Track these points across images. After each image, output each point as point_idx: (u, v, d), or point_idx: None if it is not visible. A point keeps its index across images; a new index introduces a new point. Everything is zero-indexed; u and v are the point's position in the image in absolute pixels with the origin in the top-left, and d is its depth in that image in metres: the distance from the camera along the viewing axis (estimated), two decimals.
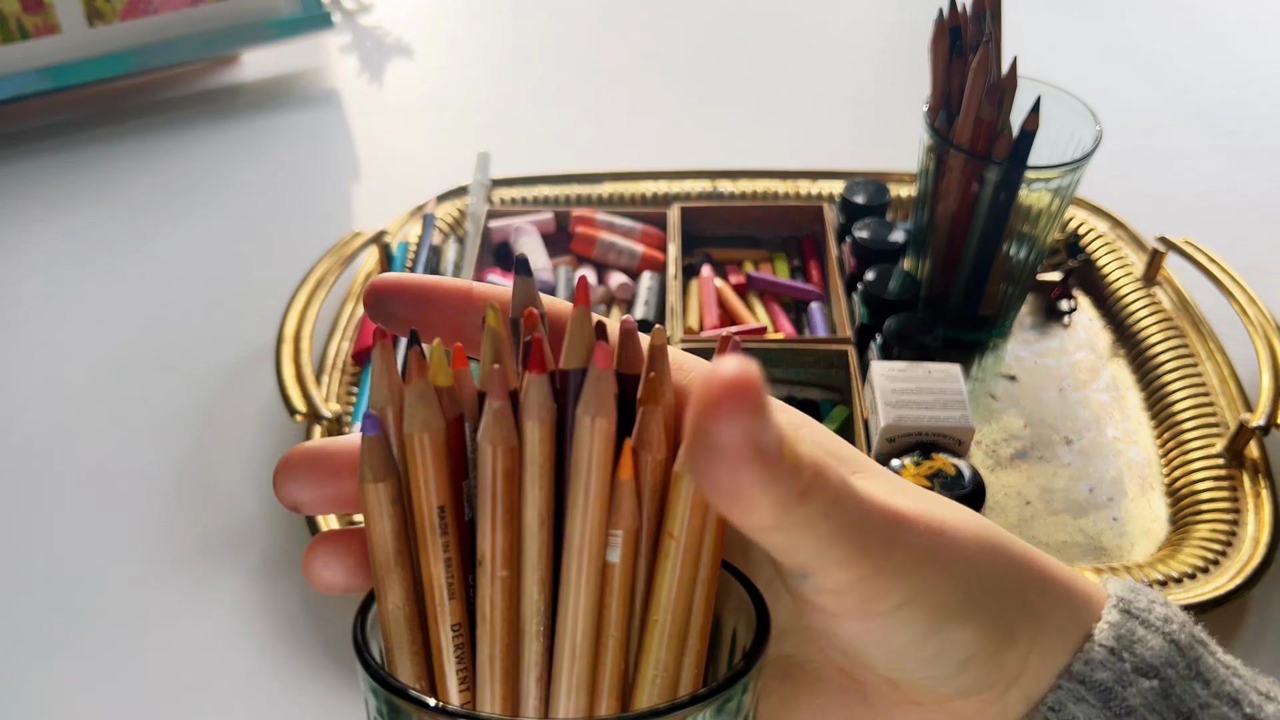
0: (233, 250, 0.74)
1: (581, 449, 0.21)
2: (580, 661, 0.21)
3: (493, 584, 0.22)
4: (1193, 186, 0.79)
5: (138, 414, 0.62)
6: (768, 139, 0.84)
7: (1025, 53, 0.60)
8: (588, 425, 0.20)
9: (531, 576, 0.22)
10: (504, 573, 0.22)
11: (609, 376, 0.20)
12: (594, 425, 0.20)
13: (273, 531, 0.55)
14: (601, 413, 0.20)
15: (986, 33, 0.58)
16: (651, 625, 0.22)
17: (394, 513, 0.22)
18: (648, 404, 0.21)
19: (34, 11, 0.79)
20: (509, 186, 0.75)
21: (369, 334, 0.62)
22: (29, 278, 0.71)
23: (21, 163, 0.80)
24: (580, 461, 0.21)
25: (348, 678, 0.50)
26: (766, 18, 1.00)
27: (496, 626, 0.22)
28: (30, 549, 0.55)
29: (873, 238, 0.68)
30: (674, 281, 0.65)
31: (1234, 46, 0.96)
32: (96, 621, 0.52)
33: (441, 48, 0.95)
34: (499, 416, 0.21)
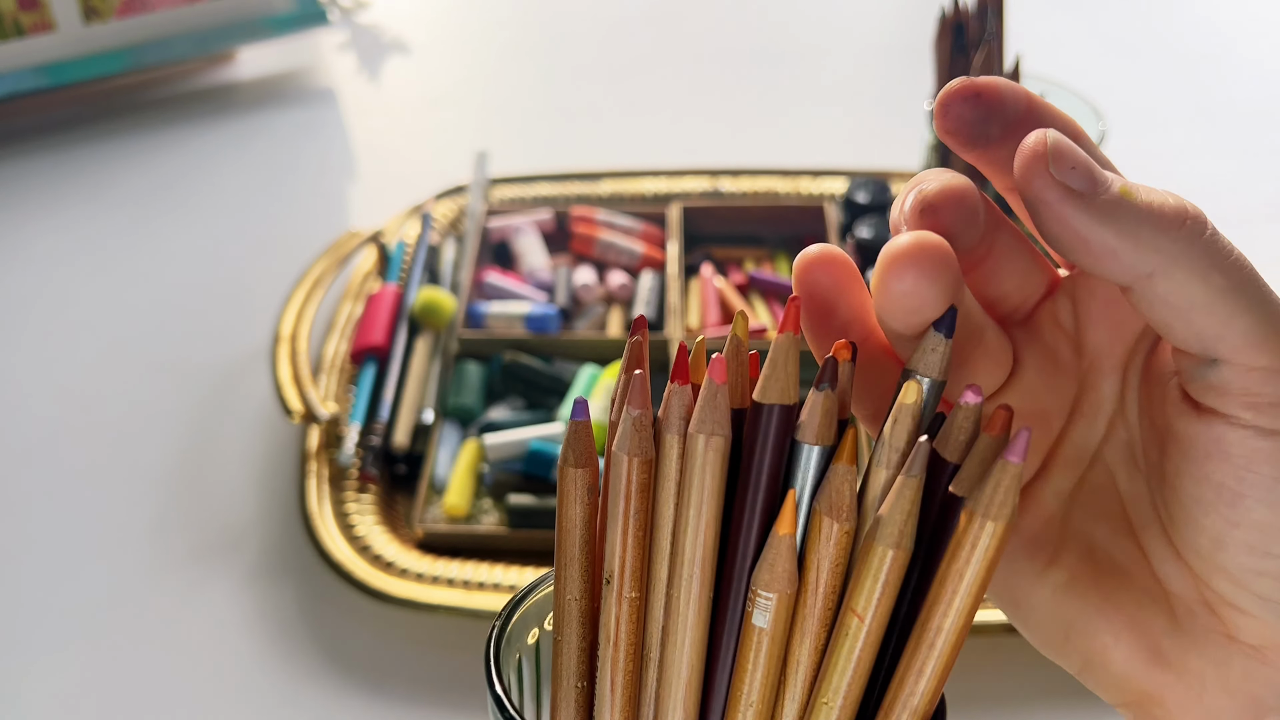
0: (229, 249, 0.73)
1: (691, 470, 0.19)
2: (684, 700, 0.21)
3: (619, 604, 0.21)
4: (1197, 185, 0.79)
5: (132, 414, 0.62)
6: (769, 137, 0.84)
7: (1029, 50, 0.60)
8: (700, 445, 0.19)
9: (658, 600, 0.21)
10: (633, 594, 0.21)
11: (724, 392, 0.19)
12: (707, 444, 0.19)
13: (269, 533, 0.55)
14: (717, 431, 0.19)
15: (989, 30, 0.58)
16: (819, 707, 0.20)
17: (588, 500, 0.21)
18: (838, 460, 0.19)
19: (29, 9, 0.78)
20: (508, 185, 0.74)
21: (366, 334, 0.62)
22: (23, 276, 0.71)
23: (16, 161, 0.80)
24: (690, 483, 0.19)
25: (344, 679, 0.49)
26: (768, 15, 1.00)
27: (621, 650, 0.21)
28: (24, 550, 0.55)
29: (875, 237, 0.67)
30: (674, 281, 0.65)
31: (1239, 44, 0.95)
32: (91, 623, 0.51)
33: (439, 45, 0.95)
34: (638, 425, 0.20)
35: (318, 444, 0.56)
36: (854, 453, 0.19)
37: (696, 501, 0.20)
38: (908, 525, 0.19)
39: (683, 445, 0.20)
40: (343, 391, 0.60)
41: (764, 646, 0.20)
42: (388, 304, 0.63)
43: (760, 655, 0.20)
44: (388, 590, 0.50)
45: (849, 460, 0.19)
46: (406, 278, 0.66)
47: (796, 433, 0.20)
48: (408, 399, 0.59)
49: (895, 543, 0.18)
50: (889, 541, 0.19)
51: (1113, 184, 0.18)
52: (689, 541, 0.20)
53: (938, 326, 0.19)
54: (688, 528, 0.20)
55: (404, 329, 0.63)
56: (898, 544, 0.18)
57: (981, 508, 0.18)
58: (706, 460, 0.19)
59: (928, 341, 0.19)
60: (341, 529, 0.53)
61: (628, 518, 0.20)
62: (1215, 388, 0.18)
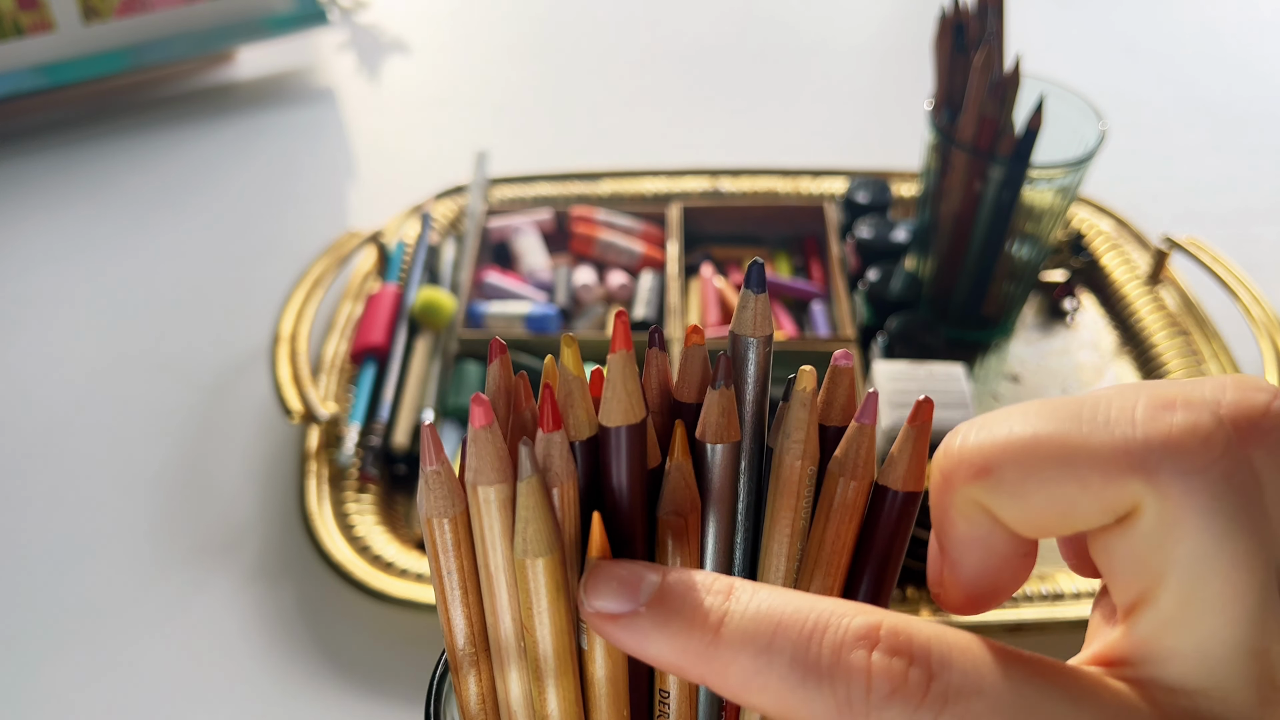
0: (228, 249, 0.73)
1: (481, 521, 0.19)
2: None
3: (475, 670, 0.21)
4: (1198, 185, 0.79)
5: (132, 414, 0.61)
6: (769, 137, 0.84)
7: (1029, 50, 0.60)
8: (480, 496, 0.19)
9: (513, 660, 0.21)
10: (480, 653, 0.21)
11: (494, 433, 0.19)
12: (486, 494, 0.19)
13: (268, 533, 0.55)
14: (494, 479, 0.19)
15: (990, 29, 0.57)
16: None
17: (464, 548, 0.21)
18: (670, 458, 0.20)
19: (29, 8, 0.78)
20: (507, 185, 0.74)
21: (366, 334, 0.62)
22: (22, 277, 0.71)
23: (16, 161, 0.80)
24: (482, 534, 0.20)
25: (344, 679, 0.49)
26: (768, 14, 1.00)
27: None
28: (23, 550, 0.55)
29: (875, 237, 0.67)
30: (674, 281, 0.65)
31: (1240, 43, 0.95)
32: (90, 623, 0.51)
33: (439, 45, 0.95)
34: (432, 483, 0.19)
35: (317, 444, 0.56)
36: (685, 448, 0.20)
37: (490, 550, 0.19)
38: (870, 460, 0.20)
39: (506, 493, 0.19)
40: (342, 391, 0.60)
41: (601, 672, 0.20)
42: (387, 304, 0.63)
43: (600, 684, 0.20)
44: (387, 590, 0.50)
45: (681, 456, 0.20)
46: (406, 278, 0.66)
47: (698, 432, 0.20)
48: (407, 399, 0.59)
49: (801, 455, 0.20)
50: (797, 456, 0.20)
51: (645, 596, 0.18)
52: (500, 595, 0.20)
53: (747, 284, 0.20)
54: (496, 578, 0.20)
55: (404, 329, 0.63)
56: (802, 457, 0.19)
57: (844, 469, 0.19)
58: (492, 510, 0.19)
59: (742, 300, 0.20)
60: (341, 529, 0.53)
61: (444, 576, 0.20)
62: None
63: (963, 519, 0.18)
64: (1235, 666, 0.16)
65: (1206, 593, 0.16)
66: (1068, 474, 0.17)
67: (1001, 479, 0.17)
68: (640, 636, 0.18)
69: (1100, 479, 0.16)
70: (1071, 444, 0.17)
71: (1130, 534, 0.17)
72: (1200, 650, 0.17)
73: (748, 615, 0.17)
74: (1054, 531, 0.17)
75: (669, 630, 0.17)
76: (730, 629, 0.17)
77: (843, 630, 0.16)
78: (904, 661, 0.16)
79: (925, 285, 0.65)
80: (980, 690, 0.16)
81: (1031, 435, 0.17)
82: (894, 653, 0.16)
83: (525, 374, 0.20)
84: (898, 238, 0.67)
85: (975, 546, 0.18)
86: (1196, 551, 0.16)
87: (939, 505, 0.18)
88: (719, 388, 0.19)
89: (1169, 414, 0.16)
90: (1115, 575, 0.17)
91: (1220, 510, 0.16)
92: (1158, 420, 0.16)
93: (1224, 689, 0.17)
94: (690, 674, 0.17)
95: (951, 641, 0.16)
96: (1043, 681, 0.16)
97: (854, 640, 0.16)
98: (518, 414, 0.20)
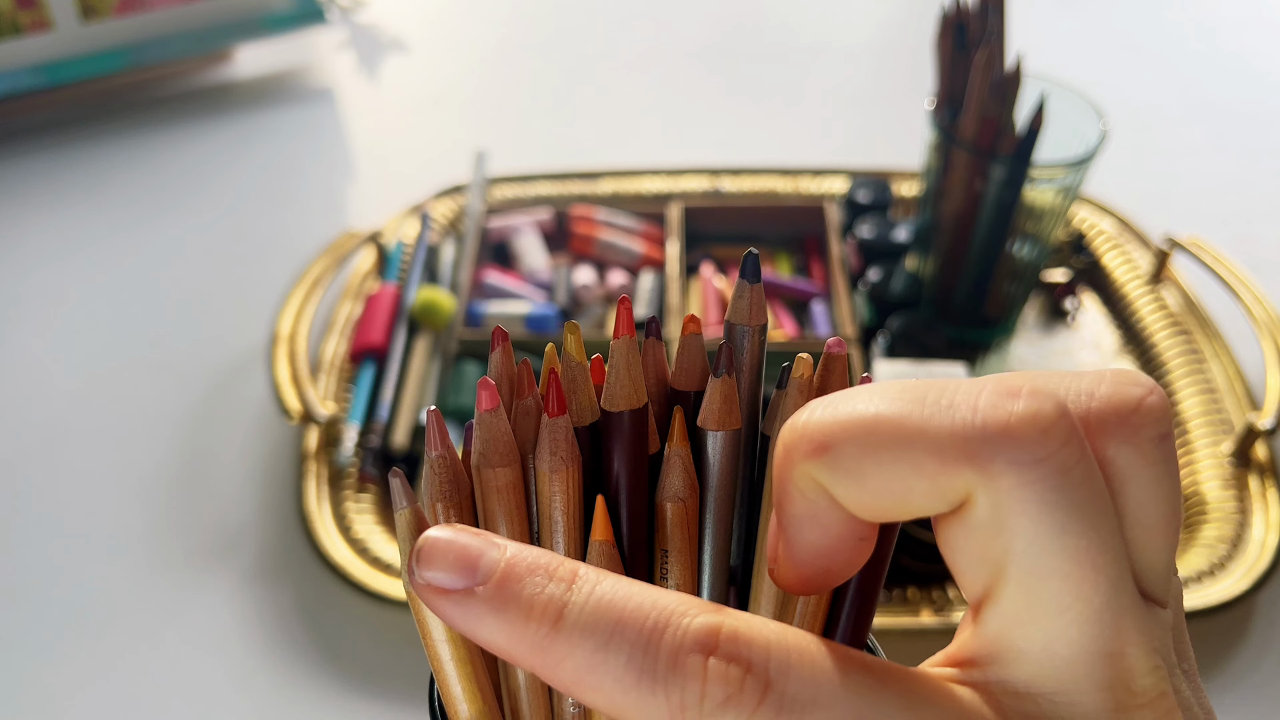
0: (227, 249, 0.73)
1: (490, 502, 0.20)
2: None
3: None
4: (1200, 184, 0.79)
5: (130, 414, 0.61)
6: (769, 136, 0.83)
7: (1031, 49, 0.60)
8: (487, 478, 0.20)
9: None
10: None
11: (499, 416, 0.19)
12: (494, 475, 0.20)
13: (267, 533, 0.55)
14: (501, 462, 0.19)
15: (991, 28, 0.57)
16: None
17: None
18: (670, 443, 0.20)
19: (27, 7, 0.78)
20: (507, 184, 0.74)
21: (365, 334, 0.61)
22: (20, 276, 0.71)
23: (14, 161, 0.79)
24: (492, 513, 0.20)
25: (343, 679, 0.49)
26: (768, 13, 0.99)
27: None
28: (21, 550, 0.54)
29: (876, 236, 0.67)
30: (674, 280, 0.64)
31: (1241, 42, 0.95)
32: (89, 624, 0.51)
33: (438, 44, 0.95)
34: (436, 468, 0.20)
35: (316, 444, 0.56)
36: (684, 434, 0.20)
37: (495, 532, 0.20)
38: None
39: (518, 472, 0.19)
40: (341, 391, 0.60)
41: None
42: (386, 304, 0.63)
43: None
44: (386, 591, 0.50)
45: (680, 442, 0.20)
46: (405, 277, 0.66)
47: (699, 419, 0.20)
48: (407, 399, 0.59)
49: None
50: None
51: (486, 576, 0.17)
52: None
53: (743, 274, 0.20)
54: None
55: (403, 329, 0.62)
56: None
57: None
58: (500, 490, 0.19)
59: (737, 290, 0.20)
60: (340, 529, 0.53)
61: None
62: None
63: (800, 496, 0.17)
64: (1084, 670, 0.16)
65: (1047, 591, 0.16)
66: (903, 457, 0.16)
67: (839, 457, 0.16)
68: (474, 619, 0.17)
69: (935, 464, 0.16)
70: (910, 426, 0.16)
71: (966, 525, 0.16)
72: (1047, 651, 0.16)
73: (588, 608, 0.16)
74: (890, 515, 0.17)
75: (504, 617, 0.17)
76: (568, 621, 0.16)
77: (681, 632, 0.16)
78: (740, 669, 0.15)
79: (926, 285, 0.65)
80: (816, 700, 0.15)
81: (873, 415, 0.16)
82: (731, 659, 0.15)
83: (528, 361, 0.20)
84: (899, 237, 0.67)
85: (811, 525, 0.18)
86: (1032, 546, 0.16)
87: (779, 480, 0.18)
88: (721, 375, 0.19)
89: (1011, 402, 0.16)
90: (959, 569, 0.17)
91: (1057, 504, 0.15)
92: (998, 408, 0.16)
93: (1071, 693, 0.16)
94: (523, 664, 0.17)
95: (791, 646, 0.16)
96: (882, 689, 0.16)
97: (692, 644, 0.16)
98: (519, 401, 0.20)
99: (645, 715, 0.16)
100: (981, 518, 0.16)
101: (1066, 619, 0.16)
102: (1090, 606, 0.16)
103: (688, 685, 0.15)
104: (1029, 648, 0.16)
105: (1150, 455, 0.17)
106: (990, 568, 0.16)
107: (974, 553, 0.16)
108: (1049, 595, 0.16)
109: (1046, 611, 0.16)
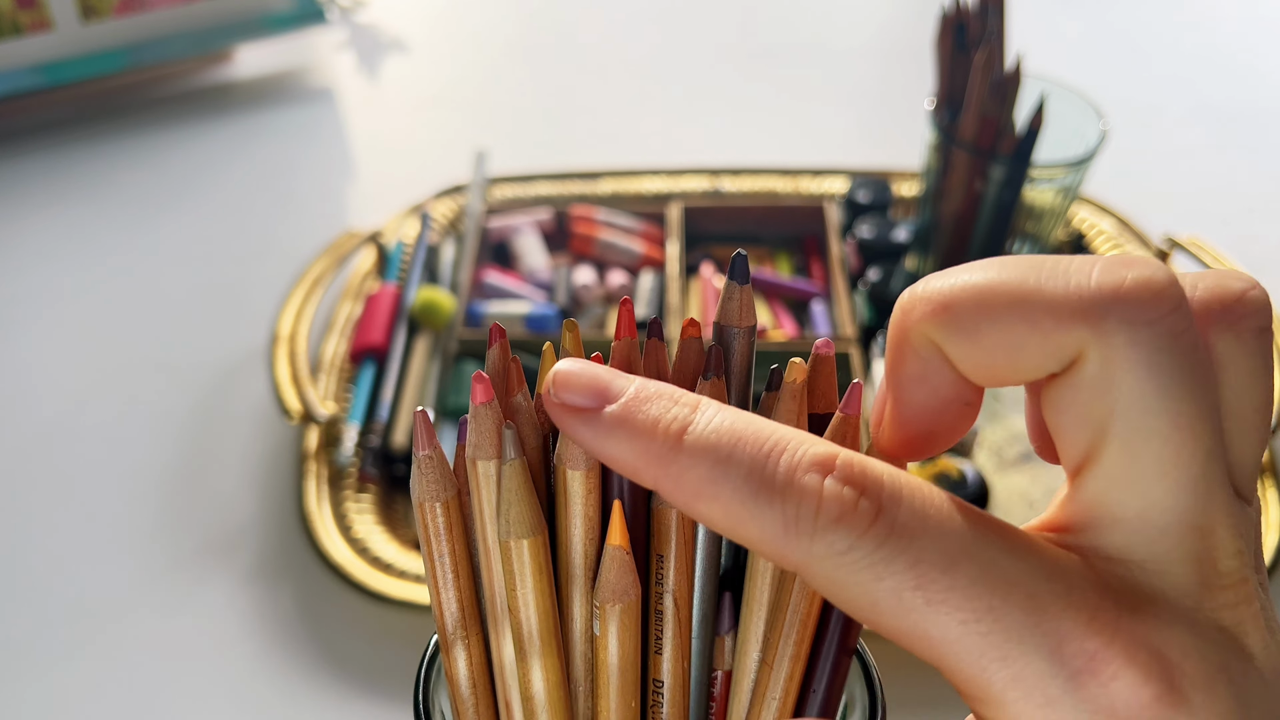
0: (227, 249, 0.73)
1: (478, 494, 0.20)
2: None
3: (466, 651, 0.22)
4: (1199, 184, 0.79)
5: (130, 414, 0.61)
6: (769, 136, 0.83)
7: (1030, 49, 0.60)
8: (480, 470, 0.20)
9: (505, 640, 0.21)
10: (473, 636, 0.22)
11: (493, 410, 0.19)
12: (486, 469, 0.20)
13: (267, 533, 0.55)
14: (491, 454, 0.20)
15: (991, 28, 0.57)
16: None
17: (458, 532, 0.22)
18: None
19: (27, 7, 0.78)
20: (507, 184, 0.74)
21: (365, 334, 0.61)
22: (20, 276, 0.71)
23: (14, 161, 0.79)
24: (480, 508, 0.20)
25: (343, 679, 0.49)
26: (768, 14, 0.99)
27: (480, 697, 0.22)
28: (20, 550, 0.54)
29: (876, 236, 0.67)
30: (674, 280, 0.64)
31: (1240, 42, 0.95)
32: (89, 624, 0.51)
33: (438, 44, 0.95)
34: (424, 467, 0.20)
35: (316, 444, 0.56)
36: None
37: (487, 525, 0.20)
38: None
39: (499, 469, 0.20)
40: (341, 391, 0.60)
41: (612, 659, 0.20)
42: (386, 304, 0.63)
43: (611, 670, 0.20)
44: (386, 591, 0.50)
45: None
46: (405, 277, 0.66)
47: None
48: (407, 399, 0.59)
49: None
50: None
51: (619, 401, 0.18)
52: (495, 574, 0.20)
53: (731, 275, 0.20)
54: (489, 555, 0.20)
55: (403, 329, 0.62)
56: None
57: None
58: (490, 485, 0.19)
59: (726, 292, 0.20)
60: (340, 529, 0.53)
61: (435, 560, 0.20)
62: None
63: (914, 355, 0.18)
64: (1175, 540, 0.16)
65: (1147, 451, 0.16)
66: (1020, 315, 0.17)
67: (957, 316, 0.17)
68: (603, 433, 0.18)
69: (1051, 321, 0.16)
70: (1027, 288, 0.17)
71: (1074, 384, 0.17)
72: (1141, 518, 0.16)
73: (710, 426, 0.17)
74: (1000, 376, 0.18)
75: (632, 429, 0.17)
76: (692, 436, 0.17)
77: (800, 453, 0.17)
78: (855, 492, 0.16)
79: None
80: (925, 529, 0.16)
81: (992, 278, 0.17)
82: (847, 482, 0.16)
83: (519, 359, 0.21)
84: (898, 237, 0.67)
85: (921, 385, 0.18)
86: (1136, 405, 0.16)
87: (895, 342, 0.18)
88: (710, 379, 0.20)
89: (1126, 269, 0.16)
90: (1062, 431, 0.17)
91: (1163, 366, 0.16)
92: (1113, 273, 0.16)
93: (1162, 562, 0.16)
94: (646, 476, 0.17)
95: (904, 482, 0.17)
96: (987, 531, 0.16)
97: (810, 463, 0.16)
98: (510, 398, 0.20)
99: (760, 527, 0.16)
100: (1090, 374, 0.16)
101: (1163, 486, 0.16)
102: (1187, 474, 0.16)
103: (804, 500, 0.16)
104: (1124, 514, 0.17)
105: (1250, 346, 0.17)
106: (1093, 428, 0.17)
107: (1079, 412, 0.17)
108: (1148, 456, 0.16)
109: (1144, 474, 0.16)
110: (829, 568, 0.16)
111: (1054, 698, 0.15)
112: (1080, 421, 0.17)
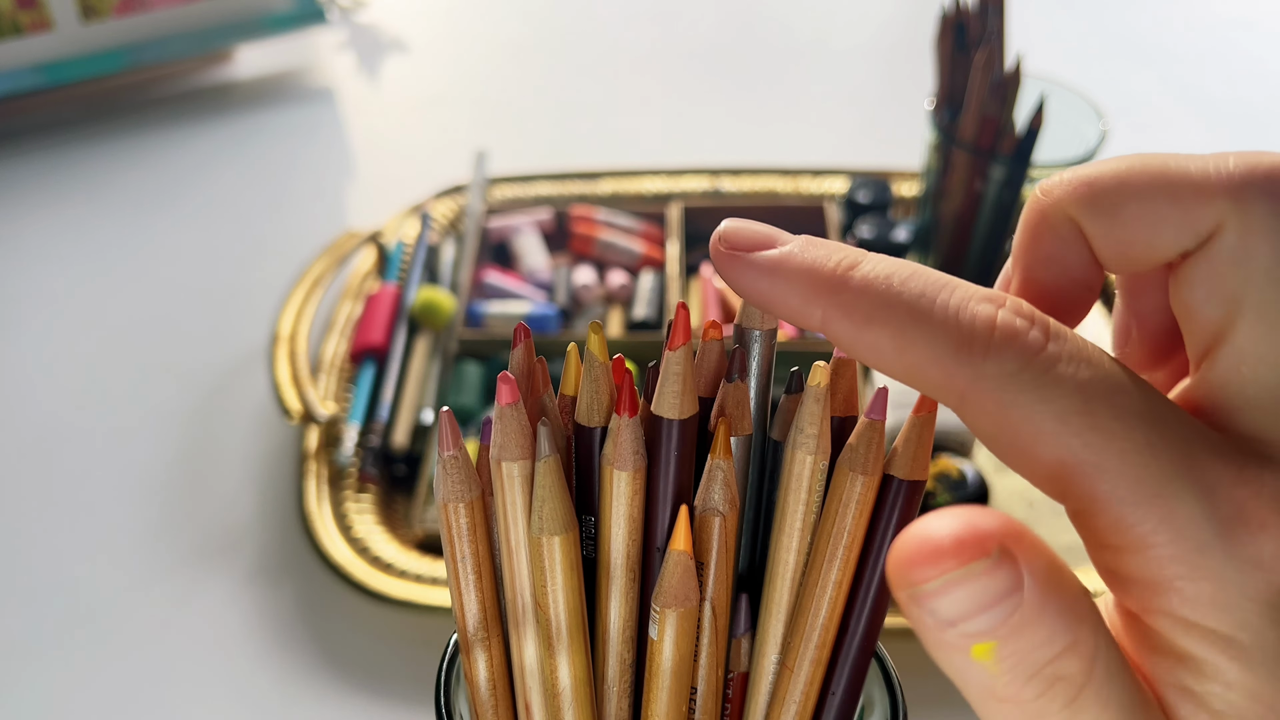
0: (227, 249, 0.73)
1: (504, 497, 0.20)
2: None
3: (486, 652, 0.21)
4: None
5: (130, 414, 0.61)
6: (769, 136, 0.84)
7: (1030, 49, 0.60)
8: (505, 472, 0.19)
9: (529, 641, 0.21)
10: (494, 638, 0.21)
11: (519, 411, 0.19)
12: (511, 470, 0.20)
13: (267, 533, 0.55)
14: (520, 455, 0.19)
15: (991, 28, 0.57)
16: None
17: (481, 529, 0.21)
18: (713, 455, 0.20)
19: (27, 7, 0.78)
20: (507, 184, 0.74)
21: (365, 334, 0.61)
22: (20, 276, 0.71)
23: (14, 161, 0.79)
24: (505, 509, 0.20)
25: (343, 680, 0.49)
26: (768, 14, 0.99)
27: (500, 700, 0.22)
28: (20, 550, 0.54)
29: (876, 236, 0.67)
30: (674, 280, 0.64)
31: (1240, 42, 0.95)
32: (89, 623, 0.51)
33: (438, 44, 0.95)
34: (449, 468, 0.20)
35: (316, 444, 0.56)
36: (727, 447, 0.20)
37: (511, 525, 0.20)
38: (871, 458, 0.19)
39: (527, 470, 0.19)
40: (341, 391, 0.60)
41: (667, 663, 0.20)
42: (387, 304, 0.63)
43: (664, 674, 0.20)
44: (386, 591, 0.50)
45: (723, 454, 0.20)
46: (405, 277, 0.66)
47: (710, 425, 0.20)
48: (407, 399, 0.59)
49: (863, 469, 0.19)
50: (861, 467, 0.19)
51: (788, 245, 0.19)
52: (517, 573, 0.20)
53: None
54: (512, 556, 0.20)
55: (403, 329, 0.62)
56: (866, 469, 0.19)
57: (854, 465, 0.19)
58: (515, 486, 0.19)
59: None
60: (340, 529, 0.53)
61: (457, 561, 0.20)
62: None
63: (1051, 233, 0.19)
64: None
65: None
66: (1162, 190, 0.17)
67: (1101, 192, 0.18)
68: (773, 266, 0.18)
69: (1192, 195, 0.17)
70: (1169, 168, 0.18)
71: (1210, 257, 0.17)
72: (1274, 397, 0.17)
73: (881, 263, 0.18)
74: (1137, 255, 0.18)
75: (804, 261, 0.18)
76: (863, 267, 0.18)
77: (969, 290, 0.17)
78: (1026, 322, 0.17)
79: None
80: (1089, 360, 0.16)
81: (1132, 162, 0.18)
82: (1017, 314, 0.17)
83: (544, 359, 0.21)
84: (899, 237, 0.67)
85: (1051, 265, 0.19)
86: (1272, 273, 0.16)
87: (1030, 221, 0.19)
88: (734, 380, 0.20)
89: (1261, 157, 0.17)
90: (1193, 312, 0.18)
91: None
92: (1251, 156, 0.17)
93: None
94: (815, 304, 0.18)
95: (1064, 326, 0.17)
96: (1140, 379, 0.17)
97: (982, 296, 0.17)
98: (534, 397, 0.20)
99: (931, 346, 0.17)
100: (1228, 245, 0.17)
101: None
102: None
103: (978, 321, 0.17)
104: (1256, 394, 0.17)
105: None
106: (1227, 303, 0.17)
107: (1213, 286, 0.17)
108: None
109: (1276, 347, 0.17)
110: (997, 386, 0.16)
111: (1205, 542, 0.15)
112: (1213, 296, 0.17)
